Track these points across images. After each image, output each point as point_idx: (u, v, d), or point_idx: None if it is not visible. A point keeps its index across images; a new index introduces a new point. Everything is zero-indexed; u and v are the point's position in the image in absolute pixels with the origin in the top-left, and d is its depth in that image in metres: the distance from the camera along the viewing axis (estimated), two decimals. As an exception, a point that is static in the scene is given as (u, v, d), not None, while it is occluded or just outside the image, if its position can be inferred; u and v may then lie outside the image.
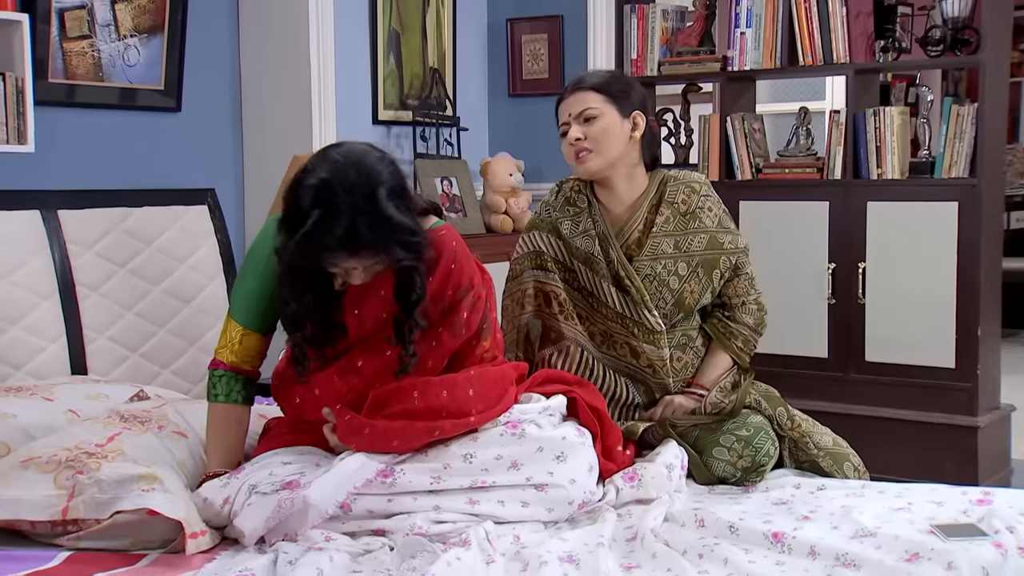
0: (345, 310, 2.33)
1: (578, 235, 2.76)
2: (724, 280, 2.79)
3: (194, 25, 4.05)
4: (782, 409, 2.68)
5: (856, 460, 2.65)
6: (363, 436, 2.22)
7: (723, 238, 2.78)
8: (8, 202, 3.09)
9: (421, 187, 4.42)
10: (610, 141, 2.69)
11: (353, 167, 2.13)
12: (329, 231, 2.08)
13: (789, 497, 2.37)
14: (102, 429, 2.38)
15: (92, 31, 3.78)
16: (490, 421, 2.29)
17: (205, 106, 4.15)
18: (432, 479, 2.19)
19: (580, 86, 2.73)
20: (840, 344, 4.29)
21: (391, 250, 2.15)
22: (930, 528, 2.06)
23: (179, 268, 3.34)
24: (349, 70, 4.45)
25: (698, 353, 2.78)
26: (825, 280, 4.28)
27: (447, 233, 2.40)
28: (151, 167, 3.91)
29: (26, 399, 2.65)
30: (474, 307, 2.39)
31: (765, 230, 4.41)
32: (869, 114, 4.19)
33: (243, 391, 2.42)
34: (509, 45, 5.09)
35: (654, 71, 4.68)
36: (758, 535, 2.07)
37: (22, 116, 3.32)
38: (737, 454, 2.50)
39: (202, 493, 2.20)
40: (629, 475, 2.39)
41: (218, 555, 2.08)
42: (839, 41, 4.25)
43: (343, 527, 2.14)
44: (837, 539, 2.03)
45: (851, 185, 4.25)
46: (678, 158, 4.77)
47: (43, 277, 3.05)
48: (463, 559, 1.93)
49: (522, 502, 2.24)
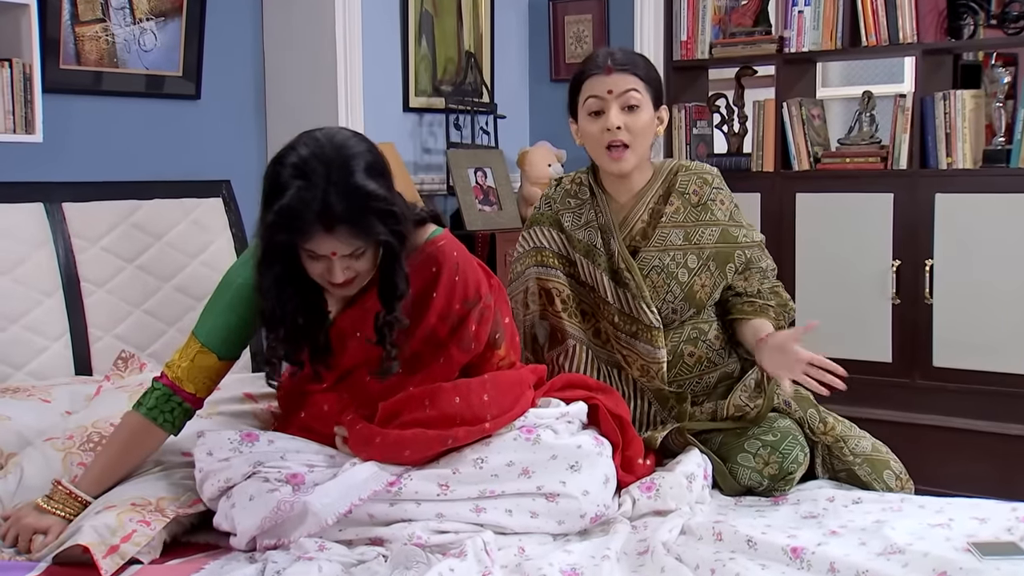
0: (347, 333, 2.36)
1: (580, 227, 2.77)
2: (737, 275, 2.78)
3: (214, 7, 4.10)
4: (813, 412, 2.67)
5: (898, 467, 2.63)
6: (374, 446, 2.26)
7: (736, 232, 2.78)
8: (11, 194, 3.16)
9: (453, 178, 4.45)
10: (647, 138, 2.72)
11: (331, 145, 2.18)
12: (305, 204, 2.11)
13: (820, 511, 2.36)
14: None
15: (106, 14, 3.84)
16: (505, 426, 2.32)
17: (226, 93, 4.20)
18: (440, 488, 2.22)
19: (624, 67, 2.68)
20: (905, 348, 4.25)
21: (367, 224, 2.15)
22: (966, 546, 2.04)
23: (190, 264, 3.40)
24: (378, 55, 4.49)
25: (711, 346, 2.77)
26: (889, 279, 4.24)
27: (446, 243, 2.41)
28: (168, 158, 3.96)
29: (23, 401, 2.72)
30: (482, 318, 2.41)
31: (824, 225, 4.39)
32: (938, 98, 4.15)
33: (171, 415, 2.33)
34: (551, 27, 5.11)
35: (705, 54, 4.67)
36: (776, 550, 2.07)
37: (30, 104, 3.38)
38: (763, 461, 2.50)
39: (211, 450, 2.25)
40: (646, 485, 2.40)
41: (206, 565, 2.12)
42: (906, 19, 4.21)
43: (340, 534, 2.18)
44: (862, 556, 2.03)
45: (918, 176, 4.20)
46: (731, 147, 4.75)
47: (46, 273, 3.12)
48: (456, 570, 1.96)
49: (531, 512, 2.26)
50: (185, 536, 2.31)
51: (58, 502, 2.24)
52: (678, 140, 4.73)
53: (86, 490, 2.27)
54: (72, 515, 2.22)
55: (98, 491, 2.27)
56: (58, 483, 2.28)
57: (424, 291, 2.36)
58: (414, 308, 2.34)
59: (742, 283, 2.79)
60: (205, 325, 2.38)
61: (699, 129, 4.74)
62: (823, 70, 6.75)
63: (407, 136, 4.66)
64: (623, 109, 2.68)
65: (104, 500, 2.24)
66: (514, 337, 2.57)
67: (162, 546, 2.20)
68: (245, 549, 2.19)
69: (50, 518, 2.22)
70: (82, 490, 2.26)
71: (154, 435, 2.35)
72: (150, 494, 2.25)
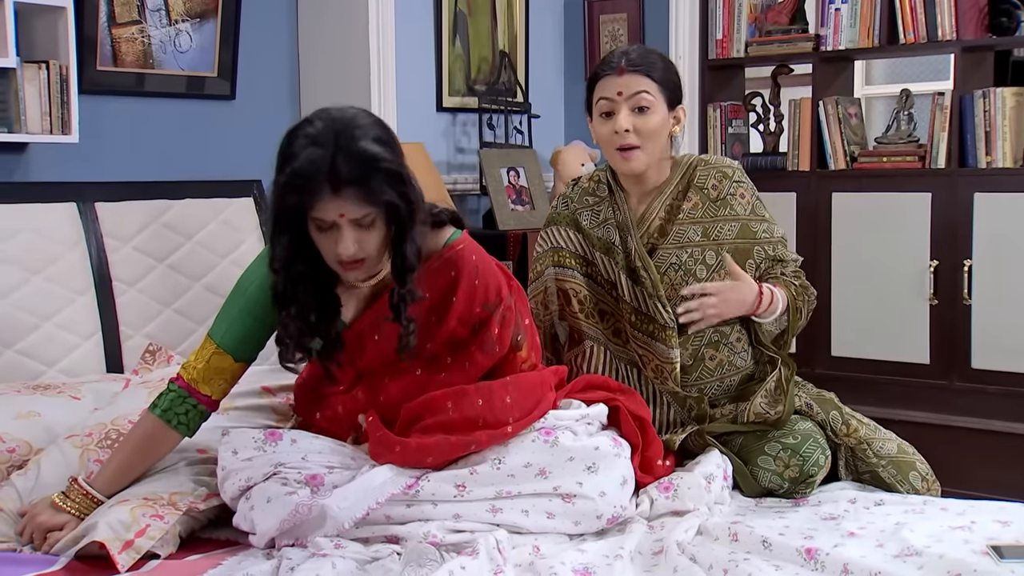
0: (365, 335, 2.38)
1: (598, 225, 2.78)
2: (761, 271, 2.75)
3: (249, 9, 4.15)
4: (836, 413, 2.65)
5: (924, 469, 2.61)
6: (395, 454, 2.27)
7: (756, 227, 2.76)
8: (45, 194, 3.23)
9: (486, 178, 4.47)
10: (659, 139, 2.70)
11: (341, 117, 2.21)
12: (314, 166, 2.14)
13: (841, 512, 2.36)
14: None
15: (142, 16, 3.90)
16: (526, 428, 2.33)
17: (261, 93, 4.25)
18: (456, 489, 2.24)
19: (637, 68, 2.68)
20: (943, 349, 4.22)
21: (374, 184, 2.16)
22: (985, 548, 2.03)
23: (221, 263, 3.45)
24: (411, 55, 4.52)
25: (733, 349, 2.74)
26: (926, 279, 4.21)
27: (465, 247, 2.41)
28: (202, 157, 4.02)
29: (53, 397, 2.77)
30: (504, 321, 2.42)
31: (860, 224, 4.36)
32: (977, 96, 4.11)
33: (185, 417, 2.35)
34: (586, 26, 5.11)
35: (741, 52, 4.67)
36: (791, 551, 2.07)
37: (66, 106, 3.45)
38: (783, 463, 2.49)
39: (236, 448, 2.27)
40: (664, 485, 2.40)
41: (224, 560, 2.15)
42: (945, 15, 4.18)
43: (357, 532, 2.20)
44: (878, 558, 2.02)
45: (956, 175, 4.17)
46: (767, 146, 4.74)
47: (79, 272, 3.19)
48: (468, 568, 1.97)
49: (547, 513, 2.27)
50: (206, 532, 2.35)
51: (74, 501, 2.28)
52: (713, 139, 4.73)
53: (100, 489, 2.30)
54: (86, 514, 2.26)
55: (112, 491, 2.30)
56: (74, 480, 2.31)
57: (444, 296, 2.37)
58: (434, 313, 2.36)
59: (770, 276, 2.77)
60: (221, 327, 2.39)
61: (734, 128, 4.73)
62: (868, 68, 6.72)
63: (440, 136, 4.69)
64: (633, 111, 2.67)
65: (117, 496, 2.27)
66: (534, 338, 2.58)
67: (178, 540, 2.24)
68: (264, 547, 2.22)
69: (64, 516, 2.26)
70: (97, 489, 2.30)
71: (168, 437, 2.37)
72: (163, 489, 2.28)
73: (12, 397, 2.74)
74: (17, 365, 3.02)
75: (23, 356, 3.03)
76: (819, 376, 4.38)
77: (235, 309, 2.40)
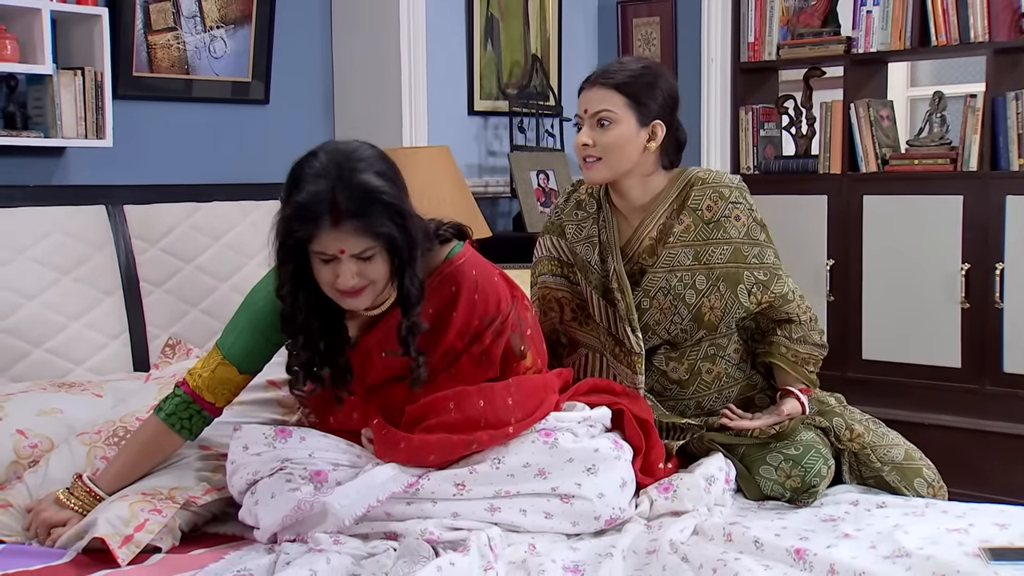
0: (372, 352, 2.42)
1: (580, 241, 2.76)
2: (755, 300, 2.68)
3: (283, 14, 4.22)
4: (839, 420, 2.64)
5: (931, 475, 2.60)
6: (399, 451, 2.31)
7: (748, 251, 2.68)
8: (76, 197, 3.31)
9: (515, 181, 4.51)
10: (621, 152, 2.64)
11: (344, 150, 2.26)
12: (316, 199, 2.18)
13: (842, 514, 2.36)
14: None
15: (177, 23, 3.98)
16: (527, 429, 2.36)
17: (295, 98, 4.32)
18: (456, 488, 2.28)
19: (604, 81, 2.65)
20: (974, 353, 4.19)
21: (373, 219, 2.19)
22: (976, 550, 2.03)
23: (247, 264, 3.51)
24: (443, 59, 4.57)
25: (731, 361, 2.74)
26: (958, 282, 4.18)
27: (465, 261, 2.44)
28: (236, 161, 4.09)
29: (76, 395, 2.84)
30: (499, 333, 2.45)
31: (891, 227, 4.34)
32: (1010, 98, 4.08)
33: (188, 422, 2.41)
34: (619, 29, 5.14)
35: (772, 55, 4.66)
36: (781, 551, 2.08)
37: (101, 111, 3.54)
38: (785, 474, 2.50)
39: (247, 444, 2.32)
40: (664, 486, 2.42)
41: (226, 554, 2.21)
42: (978, 17, 4.15)
43: (357, 528, 2.24)
44: (868, 560, 2.03)
45: (988, 177, 4.14)
46: (799, 149, 4.73)
47: (107, 273, 3.26)
48: (457, 564, 2.01)
49: (545, 513, 2.29)
50: (213, 527, 2.40)
51: (77, 498, 2.34)
52: (744, 142, 4.73)
53: (103, 487, 2.36)
54: (88, 510, 2.31)
55: (114, 489, 2.36)
56: (79, 477, 2.38)
57: (444, 310, 2.41)
58: (434, 327, 2.39)
59: (774, 313, 2.72)
60: (228, 339, 2.45)
61: (766, 131, 4.73)
62: (913, 69, 6.67)
63: (472, 139, 4.74)
64: (595, 127, 2.64)
65: (119, 493, 2.34)
66: (540, 345, 2.60)
67: (179, 533, 2.29)
68: (267, 542, 2.27)
69: (67, 512, 2.32)
70: (100, 487, 2.36)
71: (171, 440, 2.43)
72: (164, 485, 2.34)
73: (37, 394, 2.81)
74: (45, 364, 3.09)
75: (51, 355, 3.11)
76: (850, 380, 4.38)
77: (243, 323, 2.45)
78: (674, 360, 2.73)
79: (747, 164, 4.74)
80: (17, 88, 3.45)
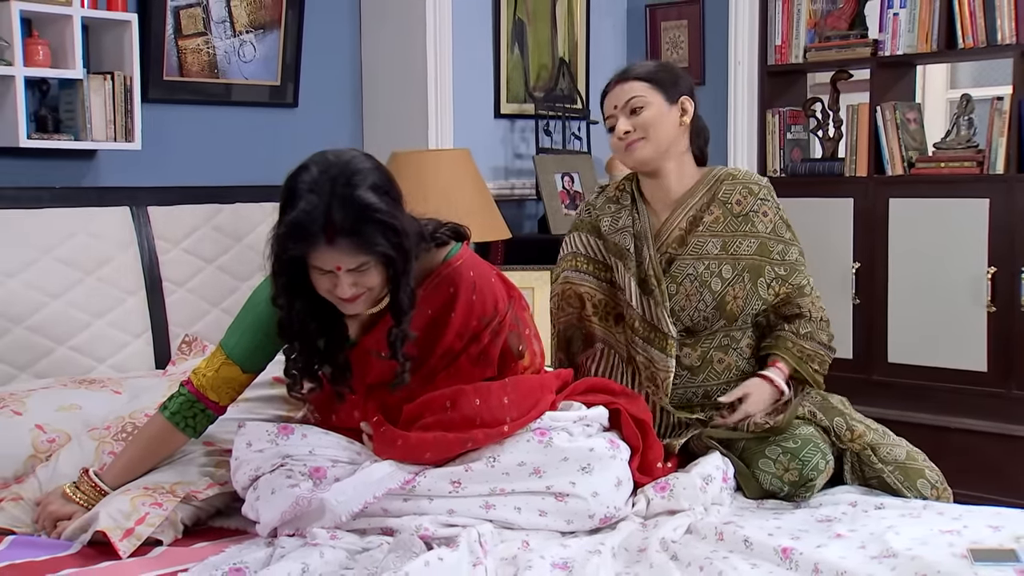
0: (371, 353, 2.45)
1: (616, 231, 2.82)
2: (773, 292, 2.77)
3: (311, 19, 4.29)
4: (840, 420, 2.65)
5: (934, 476, 2.60)
6: (396, 448, 2.36)
7: (773, 246, 2.78)
8: (102, 199, 3.40)
9: (540, 183, 4.54)
10: (660, 127, 2.75)
11: (338, 162, 2.26)
12: (310, 217, 2.20)
13: (839, 515, 2.37)
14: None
15: (207, 28, 4.06)
16: (522, 428, 2.39)
17: (323, 101, 4.38)
18: (452, 486, 2.31)
19: (625, 77, 2.80)
20: (1000, 357, 4.15)
21: (368, 237, 2.21)
22: (963, 552, 2.04)
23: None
24: (470, 62, 4.61)
25: (742, 354, 2.79)
26: (984, 286, 4.16)
27: (463, 263, 2.47)
28: (265, 164, 4.12)
29: (96, 391, 2.91)
30: (496, 333, 2.48)
31: (917, 230, 4.32)
32: (1038, 100, 4.05)
33: (192, 420, 2.45)
34: (648, 33, 5.15)
35: (799, 58, 4.65)
36: (769, 550, 2.10)
37: (130, 114, 3.62)
38: (783, 467, 2.51)
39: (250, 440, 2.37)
40: (661, 485, 2.44)
41: (226, 548, 2.26)
42: (1005, 19, 4.12)
43: (354, 524, 2.28)
44: (855, 560, 2.04)
45: (1015, 180, 4.11)
46: (825, 152, 4.71)
47: (130, 273, 3.34)
48: (445, 559, 2.04)
49: (540, 511, 2.32)
50: (217, 521, 2.46)
51: (83, 492, 2.40)
52: (771, 145, 4.73)
53: (109, 482, 2.42)
54: (93, 504, 2.37)
55: (119, 484, 2.42)
56: (85, 472, 2.44)
57: (442, 311, 2.44)
58: (433, 328, 2.43)
59: (787, 309, 2.80)
60: (231, 338, 2.49)
61: (793, 134, 4.72)
62: (951, 71, 6.62)
63: (498, 142, 4.77)
64: (629, 115, 2.76)
65: (122, 488, 2.40)
66: (538, 344, 2.63)
67: (180, 527, 2.35)
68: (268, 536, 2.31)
69: (73, 506, 2.38)
70: (106, 483, 2.42)
71: (175, 438, 2.48)
72: (166, 480, 2.40)
73: (58, 391, 2.89)
74: (69, 361, 3.17)
75: (75, 352, 3.19)
76: (875, 383, 4.37)
77: (246, 323, 2.50)
78: (688, 346, 2.77)
79: (774, 167, 4.74)
80: (49, 92, 3.53)
